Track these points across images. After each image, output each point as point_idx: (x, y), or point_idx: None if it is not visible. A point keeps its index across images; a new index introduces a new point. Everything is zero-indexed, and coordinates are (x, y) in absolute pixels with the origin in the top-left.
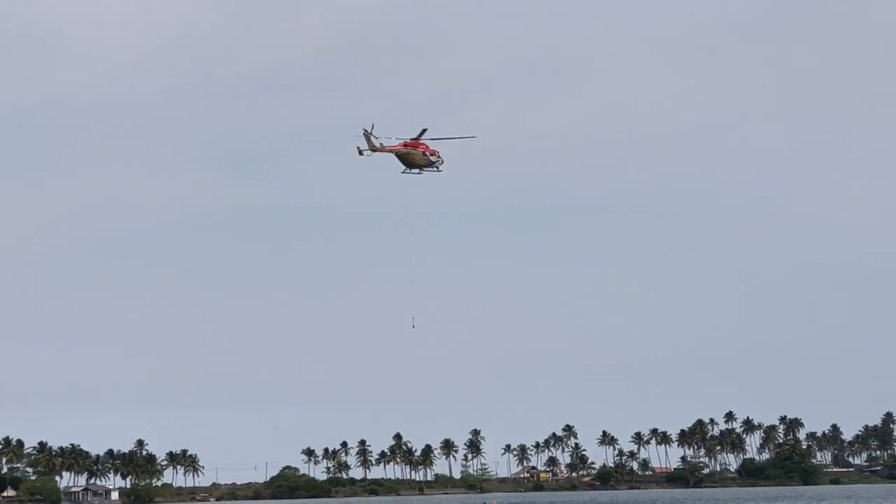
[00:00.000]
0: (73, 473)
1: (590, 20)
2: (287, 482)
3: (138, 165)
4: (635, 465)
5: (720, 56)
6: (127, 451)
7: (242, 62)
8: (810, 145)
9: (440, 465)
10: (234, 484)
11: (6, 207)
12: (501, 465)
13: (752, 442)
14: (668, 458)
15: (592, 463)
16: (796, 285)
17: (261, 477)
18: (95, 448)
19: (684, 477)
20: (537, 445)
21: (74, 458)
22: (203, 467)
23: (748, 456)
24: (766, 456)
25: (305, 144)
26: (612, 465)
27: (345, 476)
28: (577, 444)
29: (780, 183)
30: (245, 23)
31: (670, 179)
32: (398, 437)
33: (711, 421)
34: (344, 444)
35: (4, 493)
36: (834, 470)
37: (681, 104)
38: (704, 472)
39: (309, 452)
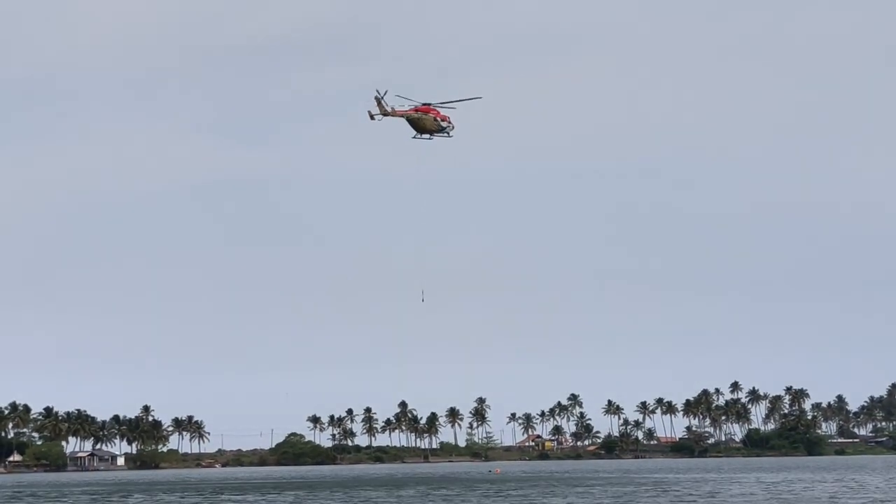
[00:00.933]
0: (79, 439)
1: None
2: (292, 449)
3: (144, 132)
4: (640, 435)
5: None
6: (133, 417)
7: (247, 28)
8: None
9: (445, 433)
10: (239, 450)
11: (14, 174)
12: (507, 434)
13: (758, 412)
14: (672, 427)
15: (597, 432)
16: (803, 257)
17: (266, 444)
18: (101, 414)
19: (689, 446)
20: (542, 414)
21: (80, 423)
22: (209, 434)
23: (753, 426)
24: (771, 426)
25: (313, 110)
26: (617, 434)
27: (350, 443)
28: (582, 414)
29: (790, 150)
30: None
31: (680, 148)
32: (403, 404)
33: (717, 391)
34: (349, 412)
35: (10, 458)
36: (839, 441)
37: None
38: (709, 441)
39: (314, 420)
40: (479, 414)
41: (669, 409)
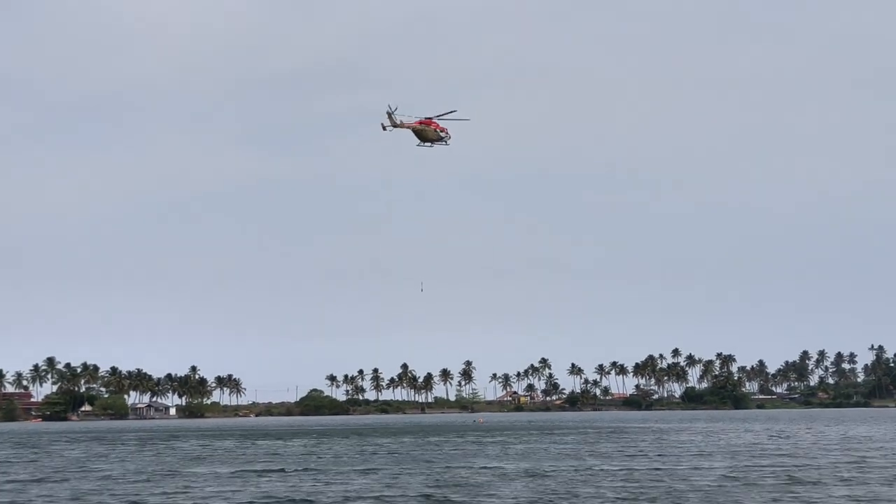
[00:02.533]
0: (138, 392)
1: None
2: (313, 402)
3: (194, 144)
4: (598, 392)
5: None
6: (182, 375)
7: (280, 58)
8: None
9: (439, 390)
10: (269, 403)
11: (92, 177)
12: (489, 390)
13: (694, 373)
14: (624, 385)
15: (563, 389)
16: (734, 251)
17: (292, 397)
18: (157, 372)
19: (638, 401)
20: (518, 375)
21: (140, 380)
22: (245, 389)
23: (690, 385)
24: (704, 385)
25: (333, 127)
26: (579, 391)
27: (360, 398)
28: (550, 374)
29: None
30: (281, 25)
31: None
32: (405, 366)
33: (661, 356)
34: (360, 372)
35: (82, 408)
36: (760, 397)
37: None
38: (654, 397)
39: (331, 378)
40: (467, 374)
41: (622, 370)
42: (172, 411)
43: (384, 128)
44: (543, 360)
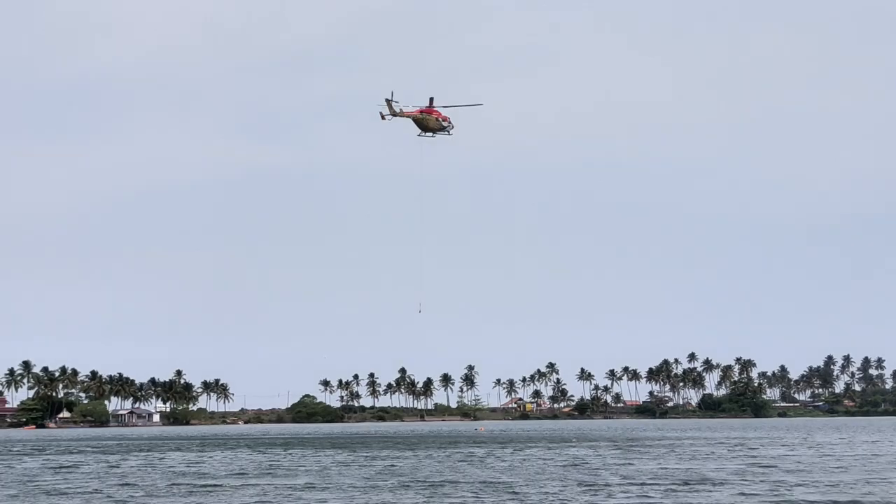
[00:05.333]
0: (120, 398)
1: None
2: (306, 408)
3: (180, 132)
4: (609, 398)
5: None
6: (167, 380)
7: (272, 41)
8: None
9: (439, 396)
10: (259, 409)
11: (64, 168)
12: (492, 397)
13: (711, 379)
14: (637, 392)
15: (571, 395)
16: (757, 241)
17: (283, 403)
18: (140, 376)
19: (651, 409)
20: (524, 380)
21: (121, 385)
22: (233, 394)
23: (707, 391)
24: (722, 392)
25: (328, 112)
26: (588, 397)
27: (356, 404)
28: (558, 380)
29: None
30: (277, 5)
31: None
32: (403, 370)
33: (676, 361)
34: (356, 376)
35: (60, 415)
36: (781, 405)
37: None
38: (669, 405)
39: (325, 383)
40: (469, 379)
41: (634, 376)
42: (156, 418)
43: (383, 116)
44: (551, 365)
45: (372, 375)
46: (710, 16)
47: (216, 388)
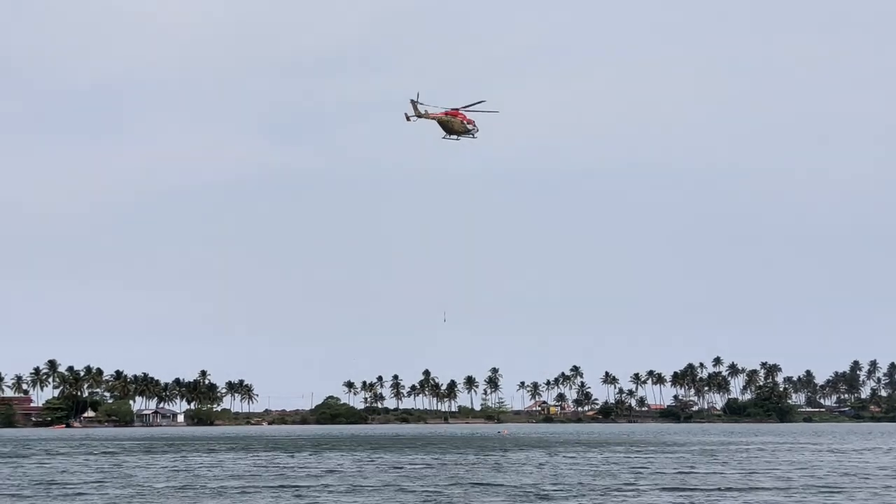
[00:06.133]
0: (144, 398)
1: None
2: (330, 410)
3: (206, 132)
4: (633, 402)
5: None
6: (192, 380)
7: (293, 42)
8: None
9: (463, 398)
10: (283, 410)
11: (85, 168)
12: (516, 400)
13: (736, 384)
14: (661, 396)
15: (596, 399)
16: (786, 237)
17: (307, 405)
18: (164, 377)
19: (676, 413)
20: (548, 383)
21: (146, 385)
22: (257, 395)
23: (732, 396)
24: (748, 396)
25: (353, 114)
26: (613, 401)
27: (380, 406)
28: (582, 383)
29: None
30: (299, 6)
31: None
32: (427, 373)
33: (701, 365)
34: (380, 378)
35: (85, 414)
36: (807, 410)
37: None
38: (693, 409)
39: (349, 384)
40: (493, 382)
41: (659, 380)
42: (180, 418)
43: (408, 118)
44: (575, 368)
45: (396, 377)
46: (742, 12)
47: (240, 388)
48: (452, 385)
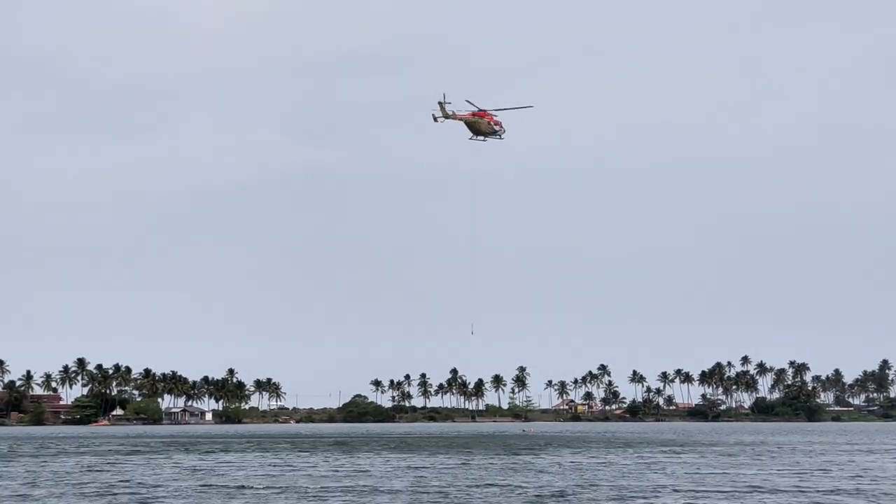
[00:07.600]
0: (173, 396)
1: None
2: (357, 408)
3: (232, 132)
4: (661, 401)
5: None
6: (220, 379)
7: (322, 43)
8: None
9: (490, 397)
10: (311, 408)
11: (123, 170)
12: (544, 398)
13: (765, 383)
14: (689, 395)
15: (623, 398)
16: (816, 235)
17: (334, 403)
18: (193, 375)
19: (704, 412)
20: (575, 382)
21: (174, 383)
22: (285, 393)
23: (760, 395)
24: (776, 395)
25: (380, 115)
26: (640, 400)
27: (407, 404)
28: (610, 382)
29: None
30: (327, 8)
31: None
32: (454, 371)
33: (729, 364)
34: (407, 377)
35: (113, 412)
36: (835, 409)
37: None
38: (721, 408)
39: (377, 383)
40: (520, 380)
41: (687, 378)
42: (209, 416)
43: (435, 119)
44: (602, 367)
45: (423, 376)
46: (773, 10)
47: (268, 386)
48: (480, 384)
